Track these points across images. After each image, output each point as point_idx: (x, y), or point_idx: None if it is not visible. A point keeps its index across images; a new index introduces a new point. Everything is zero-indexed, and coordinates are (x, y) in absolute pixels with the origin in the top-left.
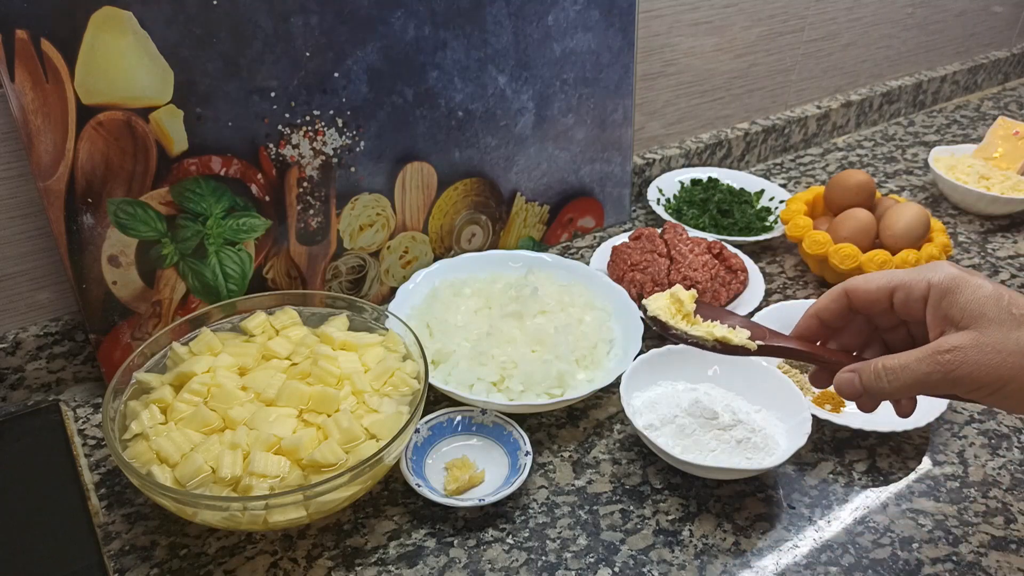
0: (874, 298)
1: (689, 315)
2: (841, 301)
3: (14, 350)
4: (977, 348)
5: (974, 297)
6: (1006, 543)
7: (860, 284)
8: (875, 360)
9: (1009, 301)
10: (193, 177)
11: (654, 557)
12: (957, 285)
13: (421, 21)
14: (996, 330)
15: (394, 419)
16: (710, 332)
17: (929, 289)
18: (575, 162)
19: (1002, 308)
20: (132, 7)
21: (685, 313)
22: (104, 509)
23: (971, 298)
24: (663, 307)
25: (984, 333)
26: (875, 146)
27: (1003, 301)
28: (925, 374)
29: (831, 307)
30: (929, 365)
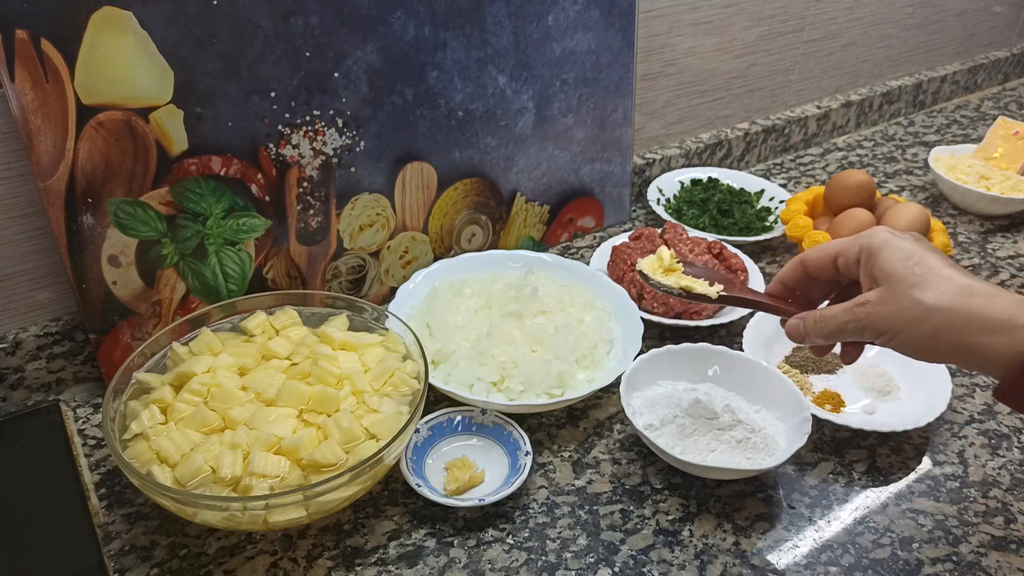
0: (822, 264)
1: (674, 270)
2: (798, 269)
3: (14, 350)
4: (881, 302)
5: (889, 258)
6: (1006, 543)
7: (810, 254)
8: (816, 310)
9: (916, 262)
10: (193, 177)
11: (654, 557)
12: (879, 249)
13: (421, 21)
14: (897, 286)
15: (394, 419)
16: (676, 282)
17: (860, 253)
18: (575, 162)
19: (908, 268)
20: (132, 7)
21: (666, 268)
22: (104, 509)
23: (887, 259)
24: (648, 263)
25: (889, 289)
26: (875, 146)
27: (911, 261)
28: (844, 322)
29: (791, 274)
30: (847, 315)
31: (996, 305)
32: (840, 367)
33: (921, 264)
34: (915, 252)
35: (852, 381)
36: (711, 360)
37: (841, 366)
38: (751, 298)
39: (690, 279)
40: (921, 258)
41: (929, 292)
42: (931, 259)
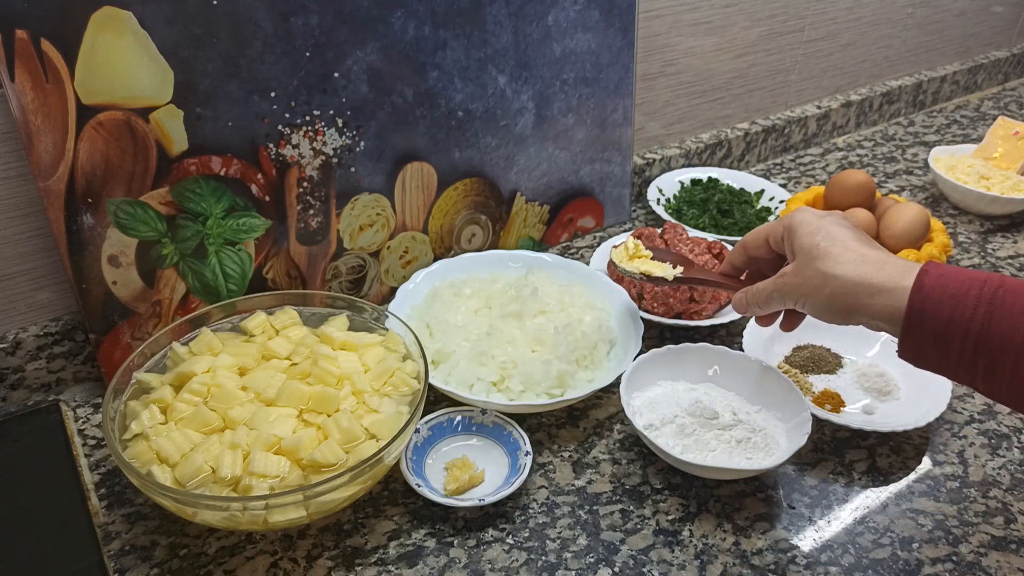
0: (757, 244)
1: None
2: (741, 251)
3: (14, 350)
4: (793, 273)
5: (801, 235)
6: (1006, 543)
7: (748, 238)
8: (754, 285)
9: (823, 236)
10: (193, 177)
11: (654, 557)
12: (796, 228)
13: (421, 21)
14: (805, 258)
15: (394, 419)
16: (637, 268)
17: (783, 232)
18: (575, 162)
19: (814, 242)
20: (132, 7)
21: (632, 256)
22: (104, 509)
23: (800, 236)
24: (617, 252)
25: (799, 261)
26: (875, 146)
27: (818, 236)
28: (770, 292)
29: (736, 256)
30: (772, 285)
31: (883, 271)
32: (840, 367)
33: (827, 238)
34: (823, 227)
35: (852, 381)
36: (711, 360)
37: (841, 366)
38: (706, 278)
39: (651, 263)
40: (828, 232)
41: (828, 262)
42: (837, 232)
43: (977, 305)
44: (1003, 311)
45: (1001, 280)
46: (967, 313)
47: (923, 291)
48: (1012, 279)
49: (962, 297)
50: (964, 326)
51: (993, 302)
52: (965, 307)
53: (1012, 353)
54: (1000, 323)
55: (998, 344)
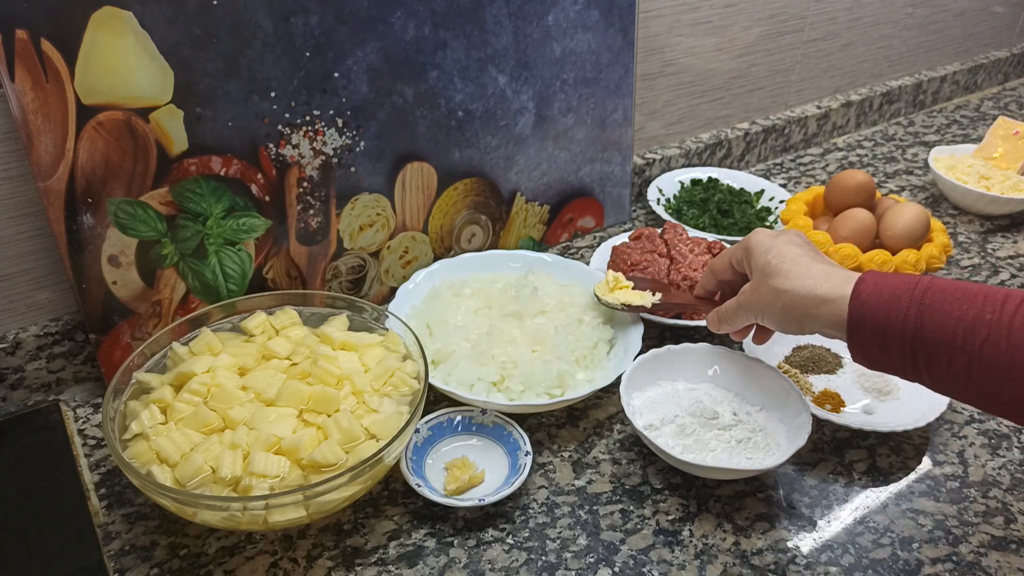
0: (723, 267)
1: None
2: (711, 276)
3: (14, 350)
4: (751, 291)
5: (756, 255)
6: (1006, 543)
7: (715, 263)
8: (724, 304)
9: (774, 255)
10: (193, 177)
11: (654, 557)
12: (752, 248)
13: (421, 21)
14: (759, 276)
15: (394, 419)
16: (617, 298)
17: (742, 254)
18: (575, 162)
19: (767, 261)
20: (132, 7)
21: (614, 287)
22: (104, 509)
23: (755, 256)
24: (600, 286)
25: (755, 279)
26: (875, 146)
27: (770, 255)
28: (735, 308)
29: (707, 282)
30: (736, 303)
31: (827, 283)
32: (840, 367)
33: (777, 256)
34: (775, 246)
35: (852, 381)
36: (711, 360)
37: (841, 366)
38: (683, 302)
39: (631, 293)
40: (779, 251)
41: (779, 278)
42: (787, 251)
43: (909, 307)
44: (932, 311)
45: (930, 282)
46: (900, 315)
47: (860, 298)
48: (941, 280)
49: (895, 301)
50: (899, 327)
51: (923, 303)
52: (898, 310)
53: (945, 349)
54: (930, 322)
55: (931, 341)
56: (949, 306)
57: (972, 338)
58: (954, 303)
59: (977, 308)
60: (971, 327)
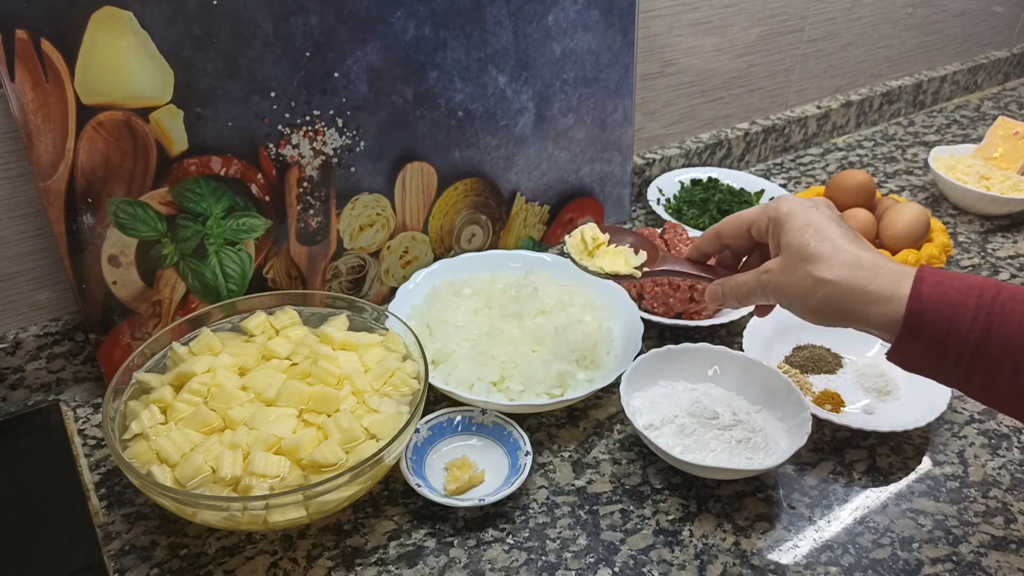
0: (737, 234)
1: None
2: (715, 240)
3: (14, 350)
4: (780, 271)
5: (789, 231)
6: (1006, 543)
7: (725, 226)
8: (732, 276)
9: (813, 233)
10: (193, 177)
11: (654, 557)
12: (783, 221)
13: (421, 21)
14: (794, 257)
15: (394, 419)
16: (601, 267)
17: (768, 223)
18: (575, 162)
19: (804, 240)
20: (132, 7)
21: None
22: (104, 509)
23: (787, 231)
24: (575, 245)
25: (787, 259)
26: (875, 146)
27: (807, 233)
28: (753, 287)
29: (707, 245)
30: (754, 281)
31: (878, 278)
32: (840, 367)
33: (817, 235)
34: (813, 222)
35: (852, 381)
36: (711, 360)
37: (841, 366)
38: (675, 268)
39: (613, 254)
40: (818, 228)
41: (821, 265)
42: (828, 229)
43: (977, 312)
44: (1003, 319)
45: (999, 287)
46: (966, 321)
47: (921, 300)
48: (1009, 285)
49: (961, 305)
50: (963, 334)
51: (992, 310)
52: (964, 316)
53: (1010, 360)
54: (1000, 331)
55: (997, 351)
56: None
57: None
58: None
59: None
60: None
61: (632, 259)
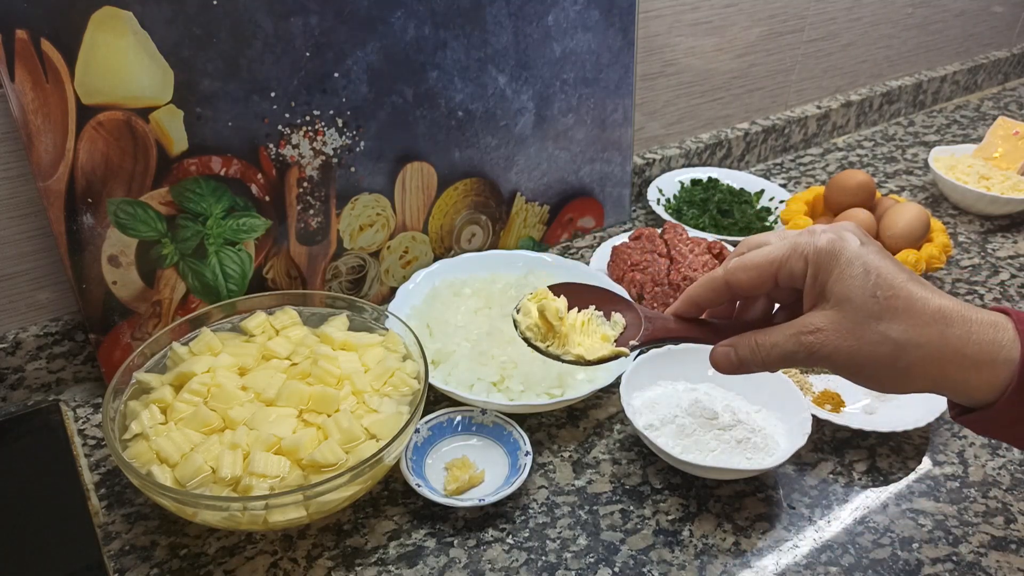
0: (757, 284)
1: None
2: (721, 289)
3: (14, 350)
4: (836, 332)
5: (842, 277)
6: (1006, 543)
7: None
8: (749, 335)
9: (875, 283)
10: (193, 177)
11: (654, 557)
12: (831, 264)
13: (421, 21)
14: (857, 314)
15: (394, 419)
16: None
17: (807, 267)
18: (575, 162)
19: (867, 291)
20: (132, 7)
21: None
22: (104, 509)
23: (840, 278)
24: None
25: (846, 316)
26: (875, 146)
27: (869, 282)
28: (791, 352)
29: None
30: (795, 344)
31: (973, 336)
32: None
33: (884, 284)
34: (875, 267)
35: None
36: None
37: None
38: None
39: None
40: (882, 275)
41: (899, 325)
42: (895, 276)
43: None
44: None
45: None
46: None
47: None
48: None
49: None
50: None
51: None
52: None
53: None
54: None
55: None
56: None
57: None
58: None
59: None
60: None
61: (608, 330)
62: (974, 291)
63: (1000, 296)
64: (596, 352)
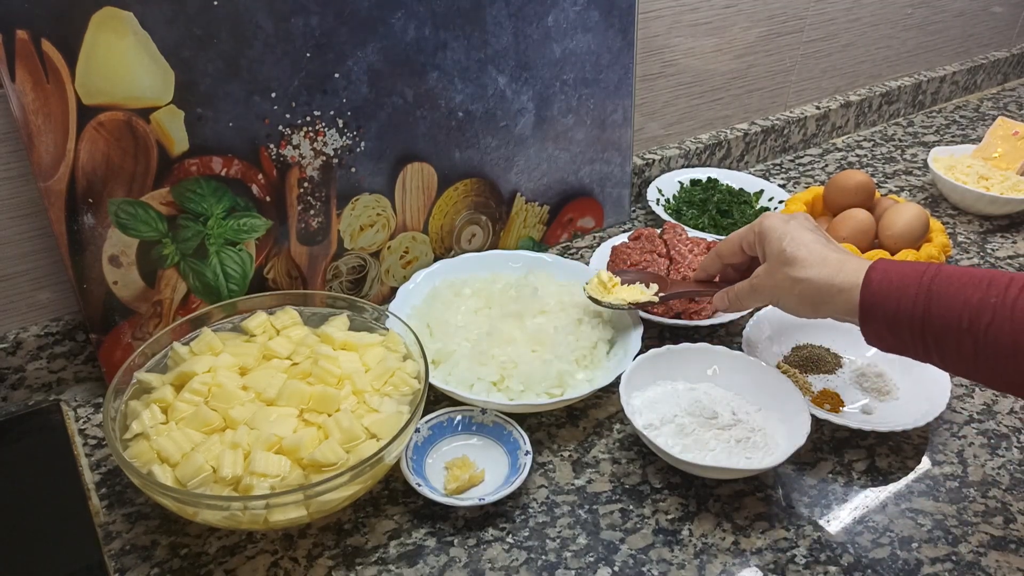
0: (732, 250)
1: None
2: (716, 260)
3: (15, 350)
4: (763, 277)
5: (771, 240)
6: (1005, 543)
7: (723, 246)
8: (734, 285)
9: (788, 241)
10: (194, 177)
11: (654, 556)
12: (766, 233)
13: (421, 22)
14: (774, 263)
15: (394, 419)
16: (622, 299)
17: (755, 238)
18: (575, 162)
19: (781, 248)
20: (133, 7)
21: (607, 288)
22: (105, 509)
23: (770, 241)
24: (594, 288)
25: (769, 267)
26: (874, 146)
27: (784, 241)
28: (747, 293)
29: (710, 265)
30: (748, 286)
31: (842, 272)
32: (839, 367)
33: (792, 243)
34: (789, 232)
35: (851, 381)
36: (711, 360)
37: (840, 366)
38: (685, 289)
39: (629, 289)
40: (793, 237)
41: (795, 267)
42: (801, 237)
43: (917, 294)
44: (938, 297)
45: (938, 269)
46: (908, 302)
47: (871, 287)
48: (948, 267)
49: (904, 288)
50: (908, 314)
51: (931, 290)
52: (907, 297)
53: (952, 333)
54: (937, 307)
55: (939, 327)
56: (955, 292)
57: (977, 321)
58: (960, 289)
59: (982, 292)
60: (976, 311)
61: (646, 291)
62: None
63: None
64: (634, 298)
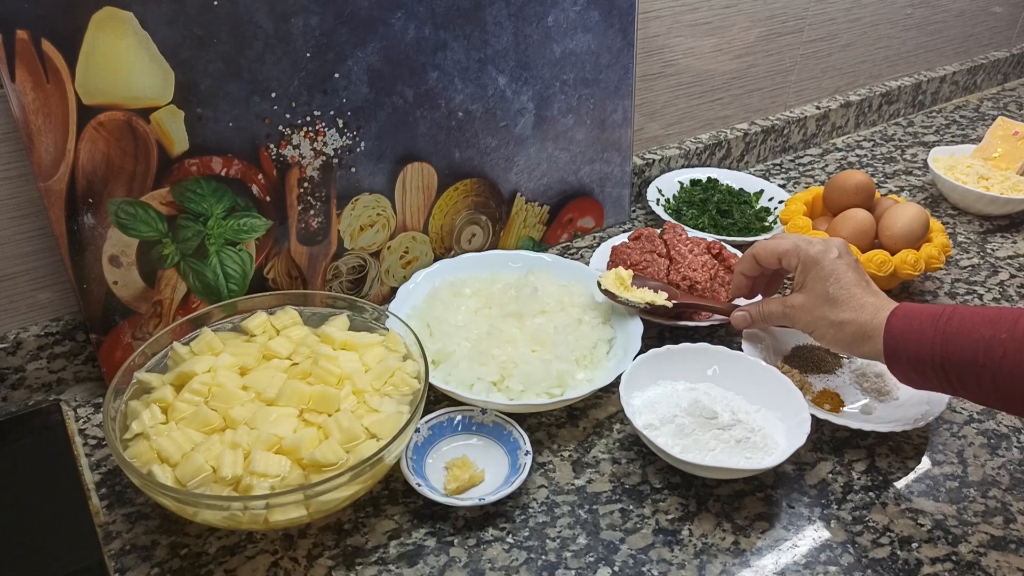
0: (769, 260)
1: (628, 286)
2: (753, 262)
3: (15, 350)
4: (802, 308)
5: (814, 275)
6: (1005, 543)
7: (760, 252)
8: (760, 303)
9: (833, 281)
10: (194, 177)
11: (654, 556)
12: (810, 264)
13: (421, 22)
14: (815, 299)
15: (394, 419)
16: (642, 298)
17: (799, 264)
18: (575, 162)
19: (825, 287)
20: (133, 7)
21: (626, 285)
22: (105, 509)
23: (813, 275)
24: (611, 282)
25: (808, 299)
26: (874, 146)
27: (828, 281)
28: (780, 315)
29: (748, 265)
30: (781, 311)
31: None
32: (839, 367)
33: (836, 284)
34: (835, 272)
35: (851, 381)
36: (711, 360)
37: (840, 366)
38: (695, 302)
39: (645, 292)
40: (838, 277)
41: (836, 310)
42: (846, 278)
43: (934, 336)
44: (954, 336)
45: (953, 311)
46: (927, 345)
47: (892, 332)
48: (962, 308)
49: (921, 332)
50: (928, 355)
51: (946, 331)
52: (924, 339)
53: (971, 368)
54: (954, 347)
55: (958, 364)
56: (969, 331)
57: (991, 355)
58: (973, 328)
59: (992, 329)
60: (989, 346)
61: (659, 296)
62: (973, 291)
63: (999, 296)
64: (651, 300)
